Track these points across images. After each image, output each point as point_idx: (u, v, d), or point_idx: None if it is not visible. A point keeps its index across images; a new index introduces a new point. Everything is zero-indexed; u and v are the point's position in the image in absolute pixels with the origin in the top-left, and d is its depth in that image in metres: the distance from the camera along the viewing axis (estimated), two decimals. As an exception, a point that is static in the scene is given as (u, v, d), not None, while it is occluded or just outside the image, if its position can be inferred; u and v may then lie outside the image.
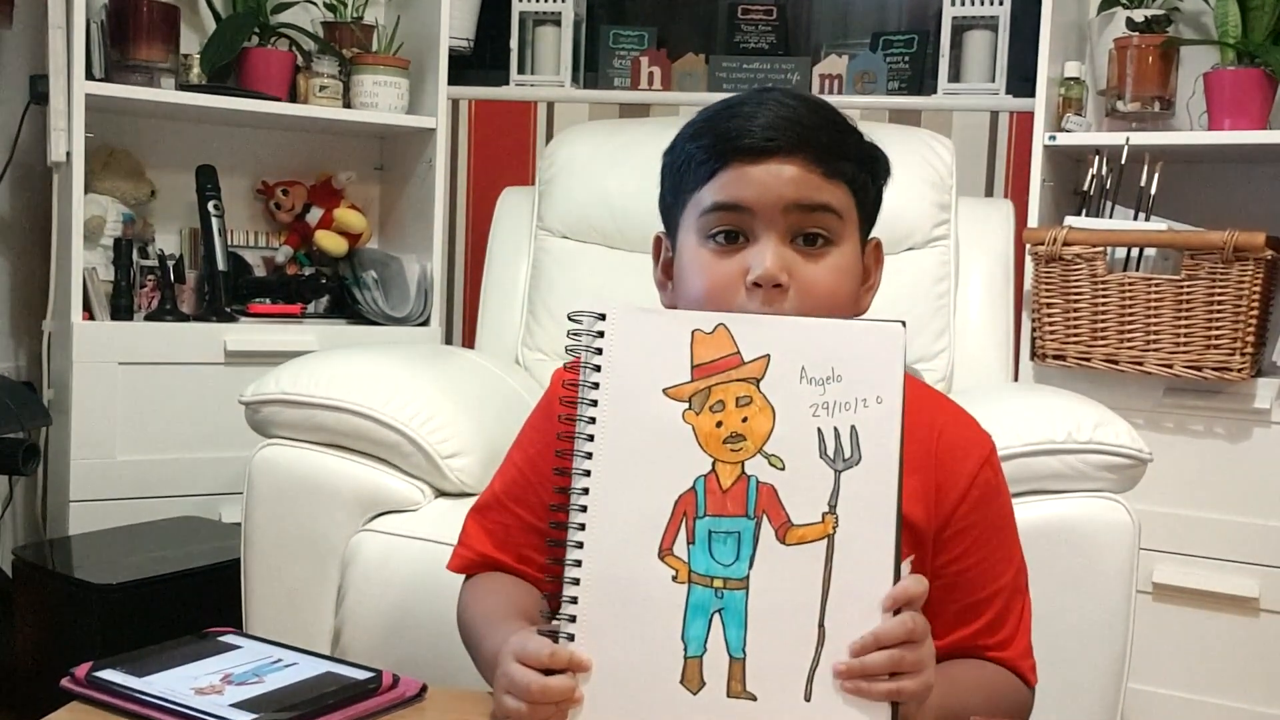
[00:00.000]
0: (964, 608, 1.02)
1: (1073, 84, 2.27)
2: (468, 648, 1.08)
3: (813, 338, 0.90)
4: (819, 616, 0.87)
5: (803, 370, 0.88)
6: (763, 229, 0.99)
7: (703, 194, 1.01)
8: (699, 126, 1.04)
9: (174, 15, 2.29)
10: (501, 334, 2.13)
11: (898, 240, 1.95)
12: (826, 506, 0.87)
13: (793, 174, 0.98)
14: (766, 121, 0.99)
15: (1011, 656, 1.03)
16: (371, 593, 1.48)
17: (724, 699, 0.88)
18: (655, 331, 0.91)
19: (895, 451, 0.87)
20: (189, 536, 2.00)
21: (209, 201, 2.29)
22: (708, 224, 1.01)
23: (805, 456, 0.88)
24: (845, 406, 0.88)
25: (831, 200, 1.00)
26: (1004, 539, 1.05)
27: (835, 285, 1.00)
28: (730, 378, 0.89)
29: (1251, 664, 2.04)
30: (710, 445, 0.89)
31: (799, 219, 0.99)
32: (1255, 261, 1.95)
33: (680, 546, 0.89)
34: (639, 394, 0.90)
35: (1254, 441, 2.04)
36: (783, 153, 0.98)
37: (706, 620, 0.88)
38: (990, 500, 1.04)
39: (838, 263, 1.01)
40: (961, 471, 1.03)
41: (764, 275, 0.97)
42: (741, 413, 0.89)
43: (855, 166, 1.02)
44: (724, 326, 0.90)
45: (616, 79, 2.67)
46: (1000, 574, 1.04)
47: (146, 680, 0.99)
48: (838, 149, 1.01)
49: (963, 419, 1.08)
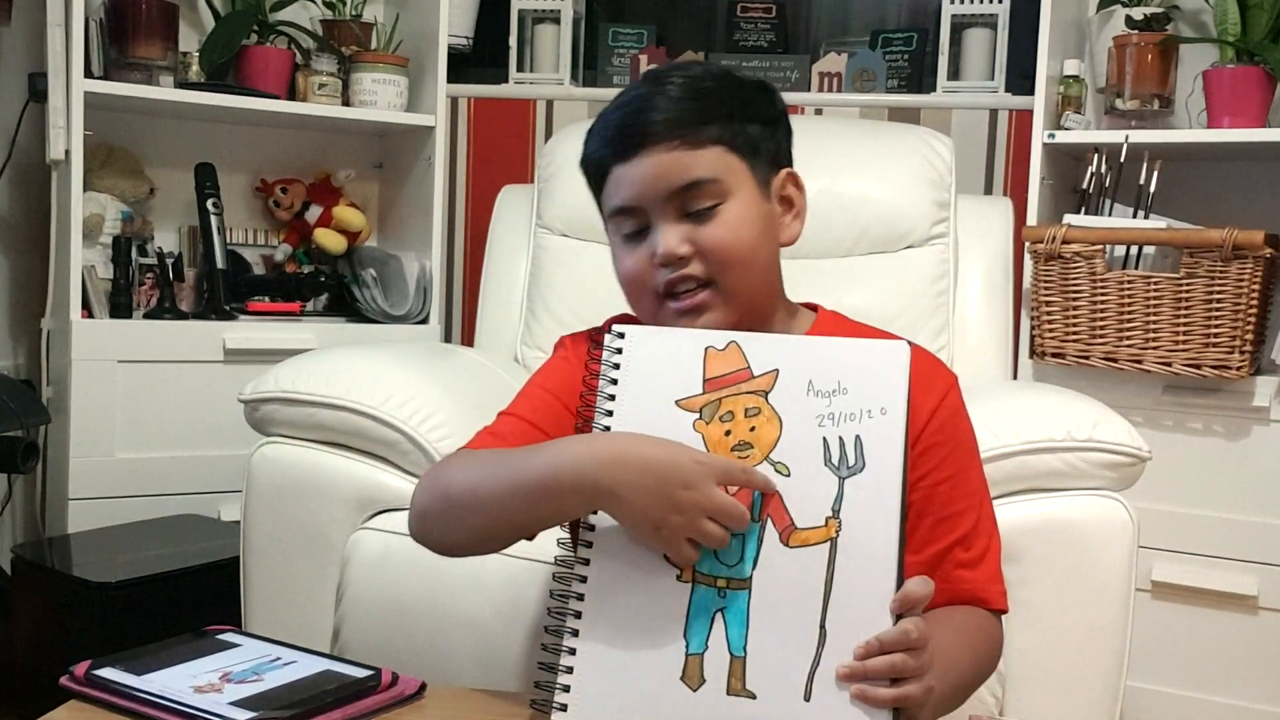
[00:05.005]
0: (938, 521, 1.06)
1: (1072, 82, 2.27)
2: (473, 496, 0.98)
3: (820, 354, 0.94)
4: (820, 617, 0.88)
5: (810, 384, 0.92)
6: (655, 216, 1.06)
7: (603, 200, 1.11)
8: (587, 137, 1.13)
9: (173, 13, 2.29)
10: (500, 332, 2.13)
11: (896, 238, 1.95)
12: (830, 511, 0.89)
13: (661, 163, 1.05)
14: (621, 121, 1.07)
15: (982, 580, 1.07)
16: (370, 591, 1.48)
17: (723, 696, 0.88)
18: (670, 349, 0.96)
19: (899, 460, 0.90)
20: (188, 534, 2.00)
21: (208, 199, 2.29)
22: (615, 226, 1.10)
23: (810, 463, 0.91)
24: (850, 417, 0.91)
25: (703, 172, 1.05)
26: (972, 462, 1.11)
27: (736, 236, 1.06)
28: (740, 390, 0.93)
29: (1250, 662, 2.05)
30: (718, 452, 0.92)
31: (681, 199, 1.05)
32: (1254, 260, 1.95)
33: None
34: (652, 405, 0.94)
35: (1253, 439, 2.04)
36: (647, 145, 1.05)
37: (709, 619, 0.90)
38: (958, 421, 1.10)
39: (731, 216, 1.06)
40: (931, 391, 1.08)
41: (663, 254, 1.05)
42: (750, 422, 0.92)
43: (721, 125, 1.06)
44: (736, 344, 0.95)
45: (616, 77, 2.67)
46: (969, 494, 1.09)
47: (145, 678, 0.99)
48: (696, 119, 1.05)
49: (930, 355, 1.14)
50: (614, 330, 0.98)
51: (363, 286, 2.41)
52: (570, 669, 0.91)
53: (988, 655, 1.07)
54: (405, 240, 2.57)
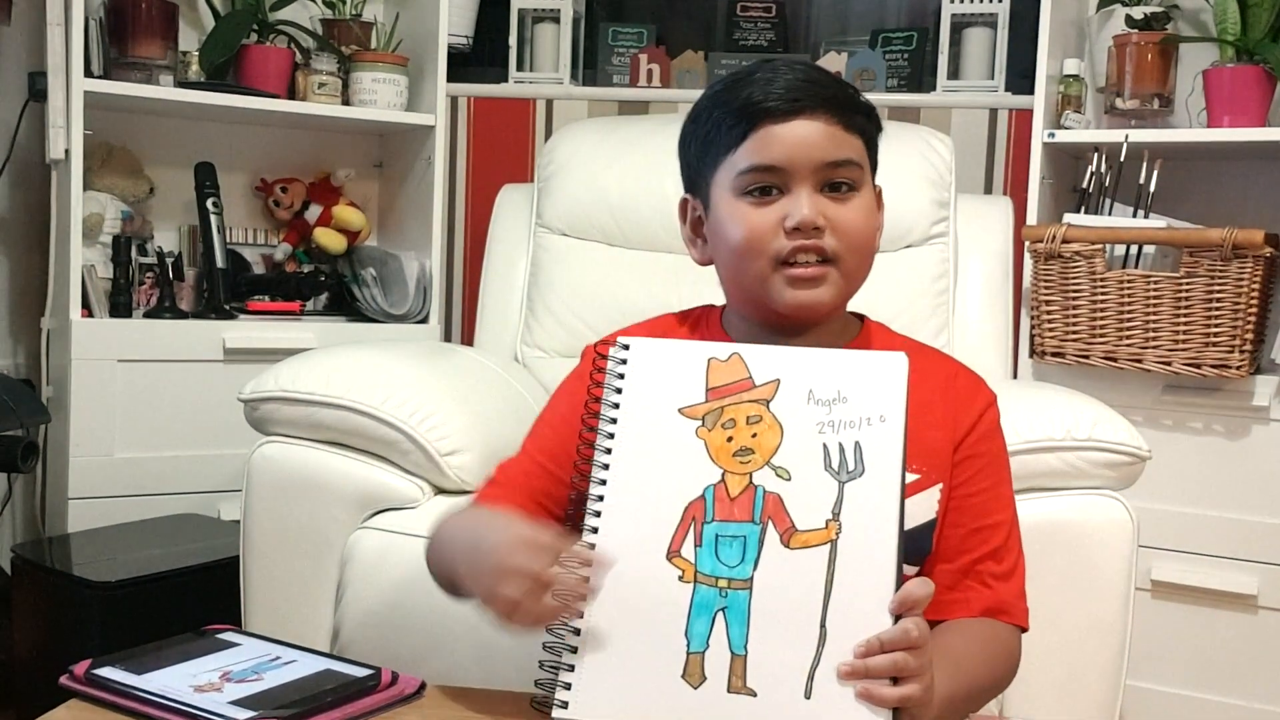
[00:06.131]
0: (972, 531, 1.09)
1: (1072, 81, 2.27)
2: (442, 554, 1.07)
3: (821, 365, 0.97)
4: (820, 617, 0.89)
5: (810, 393, 0.95)
6: (796, 183, 1.06)
7: (736, 156, 1.08)
8: (720, 94, 1.10)
9: (173, 12, 2.29)
10: (500, 331, 2.13)
11: (897, 237, 1.95)
12: (830, 514, 0.92)
13: (819, 132, 1.06)
14: (787, 84, 1.07)
15: (1009, 594, 1.09)
16: (370, 590, 1.48)
17: (724, 694, 0.89)
18: (673, 359, 0.99)
19: (898, 465, 0.92)
20: (188, 534, 2.00)
21: (208, 199, 2.29)
22: (744, 182, 1.08)
23: (811, 468, 0.93)
24: (850, 424, 0.94)
25: (852, 154, 1.08)
26: (1005, 478, 1.14)
27: (864, 224, 1.09)
28: (742, 399, 0.96)
29: (1250, 661, 2.05)
30: (720, 458, 0.95)
31: (828, 173, 1.07)
32: (1254, 259, 1.95)
33: (688, 549, 0.93)
34: (656, 412, 0.97)
35: (1252, 439, 2.04)
36: (807, 112, 1.06)
37: (710, 618, 0.91)
38: (994, 436, 1.14)
39: (862, 205, 1.09)
40: (973, 405, 1.13)
41: (804, 220, 1.05)
42: (751, 429, 0.95)
43: (865, 120, 1.11)
44: (738, 355, 0.98)
45: (615, 76, 2.67)
46: (1003, 508, 1.11)
47: (145, 678, 0.99)
48: (851, 105, 1.10)
49: (973, 373, 1.18)
50: (619, 342, 1.01)
51: (362, 286, 2.41)
52: (571, 667, 0.92)
53: (1004, 668, 1.08)
54: (405, 239, 2.57)
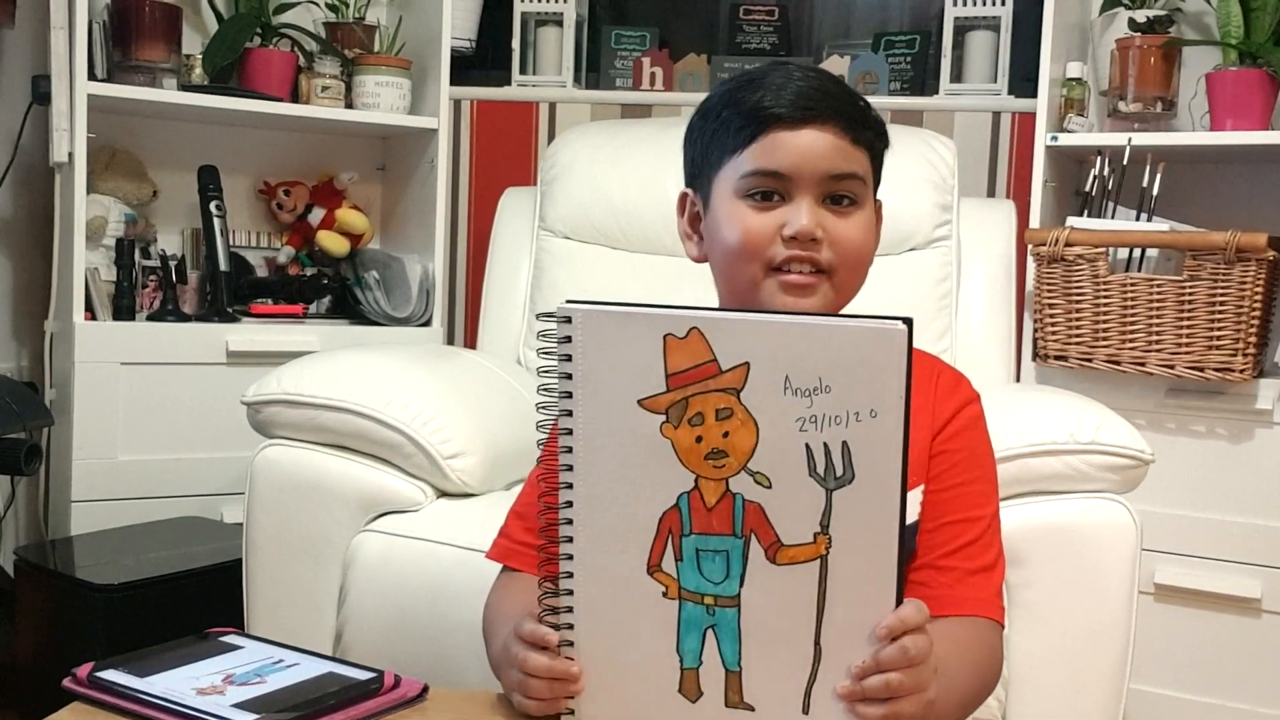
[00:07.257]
0: (950, 524, 1.07)
1: (1075, 84, 2.27)
2: (486, 642, 1.10)
3: (795, 343, 0.81)
4: (814, 635, 0.84)
5: (786, 380, 0.81)
6: (799, 192, 1.06)
7: (742, 158, 1.07)
8: (732, 94, 1.09)
9: (176, 16, 2.29)
10: (503, 334, 2.13)
11: (899, 240, 1.95)
12: (818, 526, 0.82)
13: (827, 143, 1.05)
14: (800, 91, 1.06)
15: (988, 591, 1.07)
16: (373, 593, 1.48)
17: (722, 708, 0.87)
18: (625, 337, 0.84)
19: (896, 469, 0.80)
20: (191, 537, 2.00)
21: (211, 202, 2.29)
22: (747, 185, 1.07)
23: (793, 474, 0.81)
24: (835, 420, 0.80)
25: (857, 168, 1.07)
26: (983, 475, 1.11)
27: (861, 240, 1.08)
28: (708, 388, 0.82)
29: (1253, 665, 2.04)
30: (691, 461, 0.84)
31: (832, 185, 1.06)
32: (1257, 262, 1.95)
33: (669, 563, 0.86)
34: (613, 406, 0.85)
35: (1256, 442, 2.03)
36: (817, 122, 1.05)
37: (700, 634, 0.87)
38: (975, 429, 1.12)
39: (862, 220, 1.09)
40: (950, 401, 1.11)
41: (802, 230, 1.04)
42: (722, 427, 0.82)
43: (873, 135, 1.10)
44: (698, 330, 0.82)
45: (618, 79, 2.67)
46: (978, 505, 1.09)
47: (148, 680, 0.99)
48: (862, 119, 1.08)
49: (958, 372, 1.17)
50: (559, 312, 0.86)
51: (365, 289, 2.41)
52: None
53: (990, 670, 1.07)
54: (408, 242, 2.57)
